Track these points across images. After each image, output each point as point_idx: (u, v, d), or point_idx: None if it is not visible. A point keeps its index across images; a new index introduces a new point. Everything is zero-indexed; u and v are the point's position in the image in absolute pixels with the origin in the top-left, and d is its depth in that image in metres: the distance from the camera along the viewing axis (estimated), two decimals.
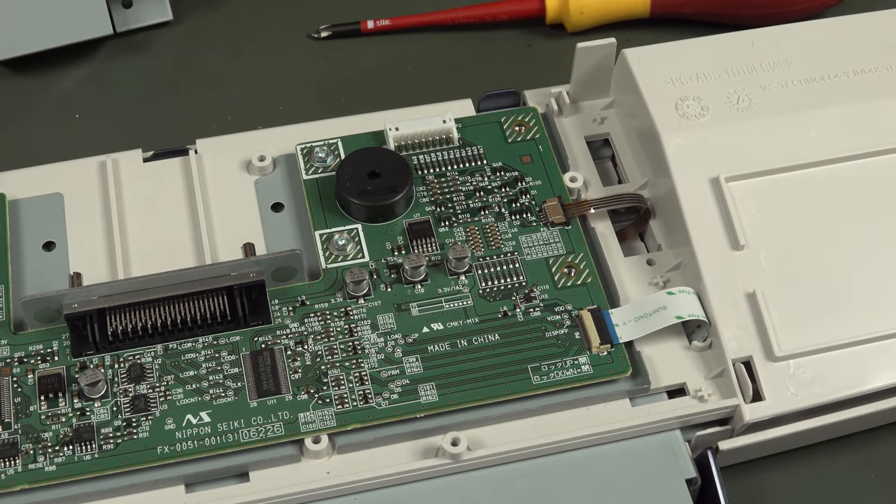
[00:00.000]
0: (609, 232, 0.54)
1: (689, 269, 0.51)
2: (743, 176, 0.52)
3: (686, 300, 0.50)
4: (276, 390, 0.48)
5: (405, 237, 0.53)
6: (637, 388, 0.49)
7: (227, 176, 0.56)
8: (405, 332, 0.50)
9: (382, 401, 0.48)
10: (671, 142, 0.52)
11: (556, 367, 0.49)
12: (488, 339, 0.50)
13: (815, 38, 0.56)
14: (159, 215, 0.54)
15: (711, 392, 0.49)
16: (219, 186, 0.55)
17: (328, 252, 0.52)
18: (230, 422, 0.48)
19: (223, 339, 0.50)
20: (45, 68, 0.64)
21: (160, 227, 0.54)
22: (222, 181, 0.55)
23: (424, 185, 0.54)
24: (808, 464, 0.51)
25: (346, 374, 0.49)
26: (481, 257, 0.52)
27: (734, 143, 0.53)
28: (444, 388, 0.49)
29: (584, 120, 0.57)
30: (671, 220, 0.53)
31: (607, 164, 0.57)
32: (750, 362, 0.49)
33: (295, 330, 0.50)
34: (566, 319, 0.50)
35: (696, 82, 0.54)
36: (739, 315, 0.50)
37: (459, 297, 0.51)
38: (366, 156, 0.54)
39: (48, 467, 0.47)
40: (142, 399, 0.48)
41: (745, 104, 0.53)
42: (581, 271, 0.52)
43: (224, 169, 0.56)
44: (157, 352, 0.49)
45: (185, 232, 0.54)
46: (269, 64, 0.65)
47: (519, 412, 0.49)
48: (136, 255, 0.53)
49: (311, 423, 0.48)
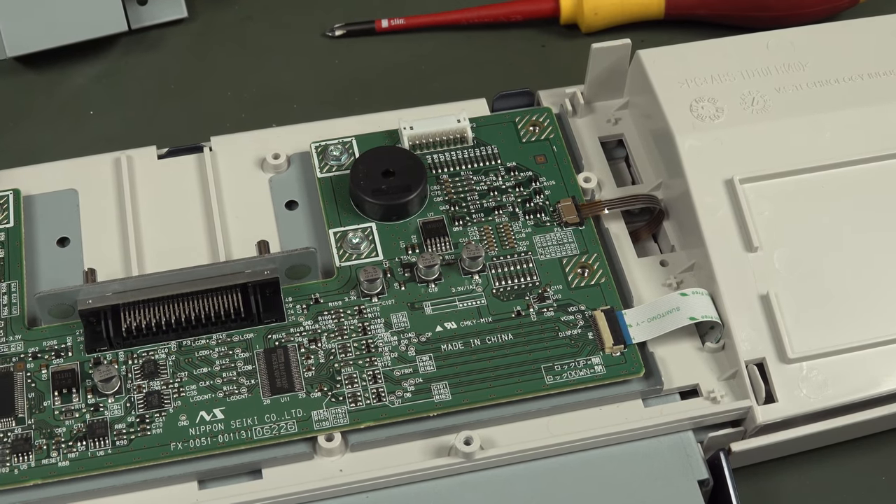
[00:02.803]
0: (623, 233, 0.54)
1: (702, 270, 0.52)
2: (757, 178, 0.52)
3: (699, 301, 0.50)
4: (289, 388, 0.49)
5: (419, 236, 0.53)
6: (650, 388, 0.49)
7: (241, 173, 0.56)
8: (418, 331, 0.50)
9: (395, 399, 0.48)
10: (685, 143, 0.52)
11: (569, 368, 0.49)
12: (501, 338, 0.50)
13: (830, 40, 0.56)
14: (173, 212, 0.54)
15: (724, 393, 0.49)
16: (233, 184, 0.55)
17: (342, 250, 0.52)
18: (243, 419, 0.48)
19: (237, 336, 0.50)
20: (60, 65, 0.64)
21: (174, 224, 0.54)
22: (237, 179, 0.56)
23: (438, 185, 0.54)
24: (820, 466, 0.52)
25: (360, 373, 0.49)
26: (495, 257, 0.52)
27: (749, 144, 0.53)
28: (457, 388, 0.49)
29: (598, 120, 0.57)
30: (685, 222, 0.53)
31: (621, 165, 0.57)
32: (763, 364, 0.49)
33: (309, 328, 0.50)
34: (579, 320, 0.51)
35: (710, 84, 0.54)
36: (753, 316, 0.50)
37: (473, 297, 0.51)
38: (380, 154, 0.54)
39: (61, 463, 0.47)
40: (155, 395, 0.48)
41: (760, 106, 0.54)
42: (594, 272, 0.52)
43: (238, 166, 0.56)
44: (171, 348, 0.50)
45: (200, 229, 0.54)
46: (284, 62, 0.65)
47: (531, 412, 0.49)
48: (150, 251, 0.53)
49: (324, 420, 0.48)
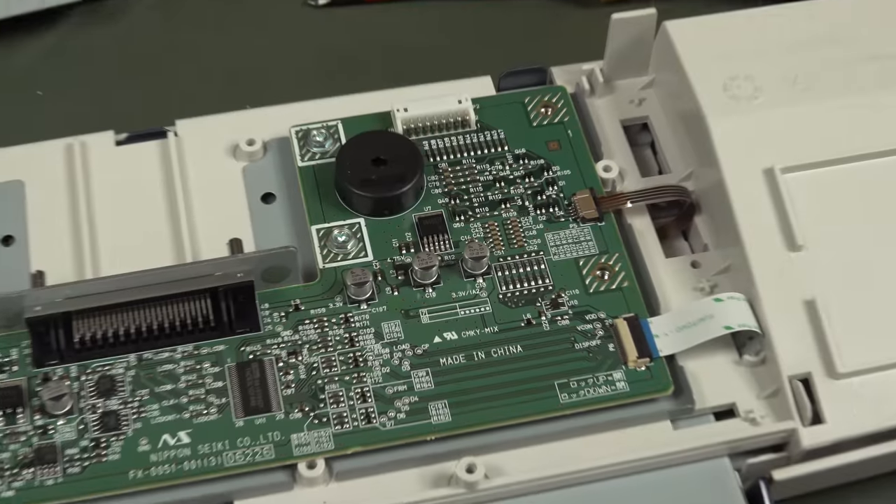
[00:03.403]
0: (648, 229, 0.54)
1: (739, 272, 0.51)
2: (801, 166, 0.52)
3: (736, 308, 0.50)
4: (265, 407, 0.49)
5: (415, 233, 0.53)
6: (680, 408, 0.49)
7: (210, 162, 0.56)
8: (414, 343, 0.50)
9: (387, 421, 0.48)
10: (719, 127, 0.53)
11: (586, 384, 0.49)
12: (509, 350, 0.50)
13: (887, 7, 0.56)
14: (133, 206, 0.54)
15: (765, 413, 0.49)
16: (201, 174, 0.55)
17: (326, 250, 0.52)
18: (213, 443, 0.48)
19: (205, 348, 0.50)
20: (4, 40, 0.64)
21: (134, 219, 0.54)
22: (205, 168, 0.56)
23: (437, 174, 0.54)
24: (874, 497, 0.51)
25: (346, 390, 0.49)
26: (502, 257, 0.52)
27: (791, 128, 0.53)
28: (459, 407, 0.49)
29: (619, 101, 0.57)
30: (719, 217, 0.53)
31: (646, 152, 0.58)
32: (809, 379, 0.49)
33: (288, 339, 0.50)
34: (599, 329, 0.51)
35: (747, 59, 0.54)
36: (797, 325, 0.50)
37: (476, 303, 0.51)
38: (370, 140, 0.54)
39: (5, 493, 0.46)
40: (112, 416, 0.48)
41: (804, 85, 0.54)
42: (616, 274, 0.52)
43: (207, 154, 0.56)
44: (130, 362, 0.50)
45: (163, 226, 0.54)
46: (260, 35, 0.65)
47: (544, 435, 0.49)
48: (106, 251, 0.53)
49: (305, 445, 0.48)
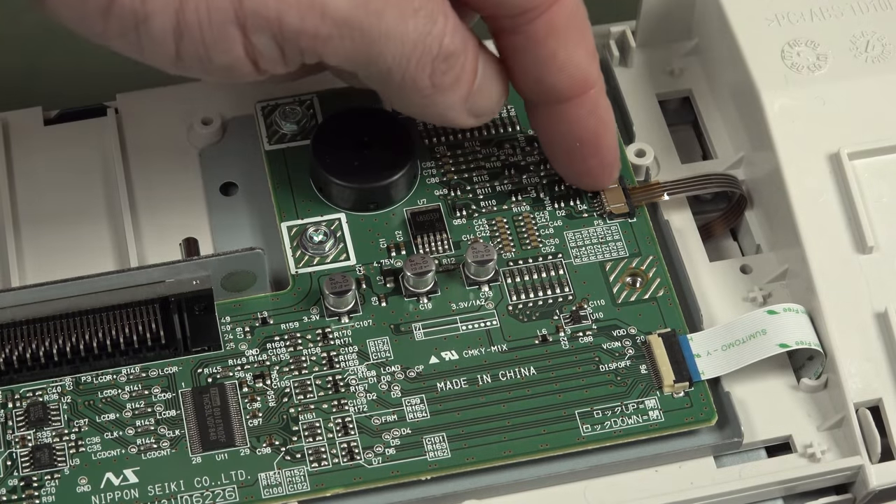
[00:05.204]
0: (690, 227, 0.54)
1: (798, 278, 0.52)
2: (872, 151, 0.52)
3: (793, 322, 0.50)
4: (227, 441, 0.49)
5: (406, 232, 0.53)
6: (725, 442, 0.49)
7: (159, 145, 0.55)
8: (406, 364, 0.50)
9: (374, 457, 0.48)
10: (775, 103, 0.53)
11: (613, 414, 0.49)
12: (520, 373, 0.50)
13: None
14: (67, 199, 0.54)
15: (826, 448, 0.50)
16: (148, 159, 0.55)
17: (299, 252, 0.52)
18: (165, 483, 0.48)
19: (155, 370, 0.50)
20: None
21: (68, 215, 0.54)
22: (153, 152, 0.55)
23: (433, 160, 0.54)
24: None
25: (325, 421, 0.49)
26: (512, 261, 0.52)
27: (860, 105, 0.53)
28: (459, 441, 0.49)
29: (654, 71, 0.57)
30: (774, 212, 0.53)
31: (688, 133, 0.58)
32: (879, 407, 0.49)
33: (253, 359, 0.50)
34: (629, 348, 0.51)
35: (809, 21, 0.54)
36: (866, 343, 0.50)
37: (481, 316, 0.51)
38: (352, 119, 0.54)
39: None
40: (45, 450, 0.48)
41: (877, 52, 0.54)
42: (650, 281, 0.52)
43: (155, 135, 0.56)
44: (66, 386, 0.49)
45: (102, 222, 0.54)
46: None
47: (562, 475, 0.49)
48: (33, 253, 0.53)
49: (275, 486, 0.48)
